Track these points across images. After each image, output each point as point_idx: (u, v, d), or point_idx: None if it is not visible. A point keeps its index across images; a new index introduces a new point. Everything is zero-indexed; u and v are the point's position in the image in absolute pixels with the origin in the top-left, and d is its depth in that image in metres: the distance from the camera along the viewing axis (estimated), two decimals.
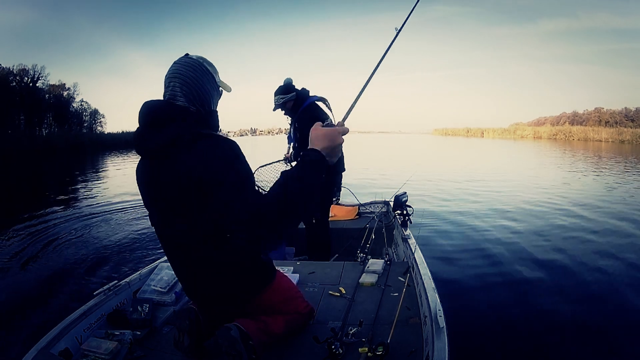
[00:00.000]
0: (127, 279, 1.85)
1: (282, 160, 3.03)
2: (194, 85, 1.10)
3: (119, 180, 10.32)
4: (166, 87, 1.12)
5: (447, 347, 1.21)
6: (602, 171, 11.76)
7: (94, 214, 5.98)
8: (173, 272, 1.87)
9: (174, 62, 1.13)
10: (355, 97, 1.18)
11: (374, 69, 1.26)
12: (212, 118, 1.13)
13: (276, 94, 2.69)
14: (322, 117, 2.76)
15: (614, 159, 16.44)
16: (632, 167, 13.00)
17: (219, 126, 1.16)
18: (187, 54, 1.15)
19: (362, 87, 1.20)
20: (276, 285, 1.33)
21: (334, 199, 3.50)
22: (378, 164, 13.99)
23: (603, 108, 59.65)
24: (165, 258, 2.16)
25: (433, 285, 1.68)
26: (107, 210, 6.26)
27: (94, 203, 6.93)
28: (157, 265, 2.01)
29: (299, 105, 2.70)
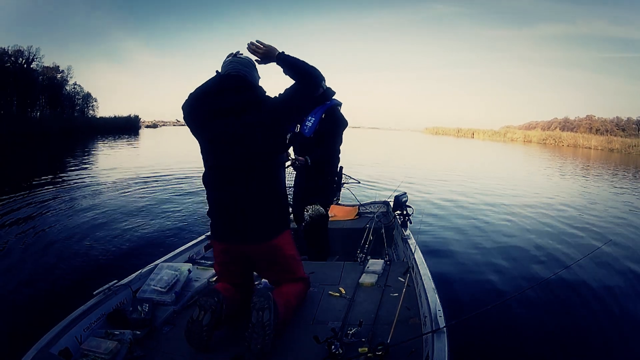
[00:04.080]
0: (127, 279, 1.85)
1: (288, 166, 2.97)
2: (252, 74, 1.66)
3: (118, 173, 10.16)
4: (228, 68, 1.62)
5: (446, 347, 1.21)
6: (591, 177, 11.81)
7: (93, 211, 5.96)
8: (173, 272, 1.88)
9: (231, 61, 1.64)
10: None
11: None
12: (263, 91, 1.67)
13: None
14: (345, 122, 2.77)
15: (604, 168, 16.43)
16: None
17: None
18: (239, 52, 1.68)
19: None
20: (290, 236, 1.72)
21: (334, 199, 3.49)
22: (376, 164, 13.97)
23: (594, 116, 59.68)
24: (165, 258, 2.17)
25: (433, 285, 1.68)
26: (106, 208, 6.24)
27: (94, 200, 6.90)
28: (157, 265, 2.00)
29: (324, 99, 2.69)
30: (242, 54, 1.69)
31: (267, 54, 1.61)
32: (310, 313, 1.71)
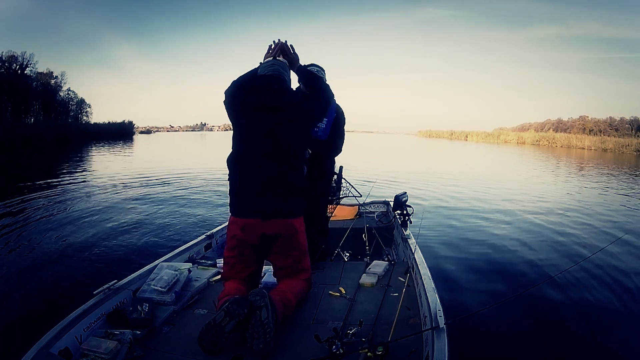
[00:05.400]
0: (127, 279, 1.84)
1: None
2: (288, 76, 1.88)
3: (116, 177, 10.19)
4: (270, 70, 1.81)
5: (446, 347, 1.21)
6: (589, 173, 11.79)
7: (92, 212, 5.97)
8: (173, 272, 1.88)
9: (274, 63, 1.83)
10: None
11: None
12: (295, 92, 1.95)
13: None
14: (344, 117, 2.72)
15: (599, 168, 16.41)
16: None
17: None
18: (275, 58, 1.89)
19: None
20: (304, 225, 1.82)
21: (334, 199, 3.48)
22: (375, 165, 13.98)
23: (588, 116, 59.26)
24: (165, 258, 2.17)
25: (433, 285, 1.68)
26: (106, 209, 6.24)
27: (93, 202, 6.90)
28: (157, 265, 2.00)
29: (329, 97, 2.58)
30: (280, 57, 1.92)
31: (292, 61, 1.89)
32: (311, 313, 1.71)
